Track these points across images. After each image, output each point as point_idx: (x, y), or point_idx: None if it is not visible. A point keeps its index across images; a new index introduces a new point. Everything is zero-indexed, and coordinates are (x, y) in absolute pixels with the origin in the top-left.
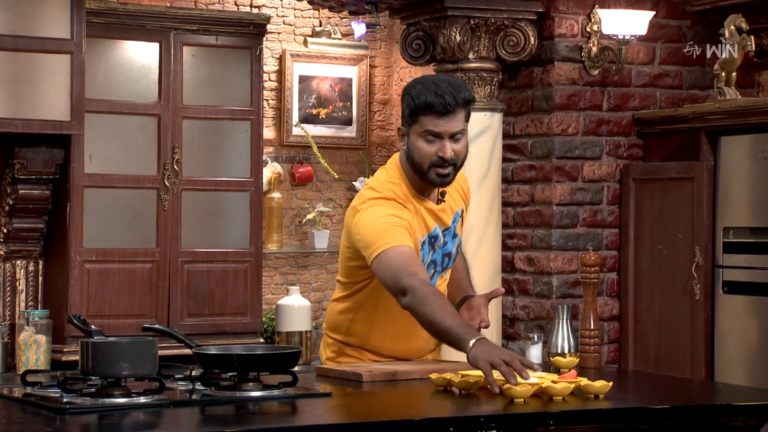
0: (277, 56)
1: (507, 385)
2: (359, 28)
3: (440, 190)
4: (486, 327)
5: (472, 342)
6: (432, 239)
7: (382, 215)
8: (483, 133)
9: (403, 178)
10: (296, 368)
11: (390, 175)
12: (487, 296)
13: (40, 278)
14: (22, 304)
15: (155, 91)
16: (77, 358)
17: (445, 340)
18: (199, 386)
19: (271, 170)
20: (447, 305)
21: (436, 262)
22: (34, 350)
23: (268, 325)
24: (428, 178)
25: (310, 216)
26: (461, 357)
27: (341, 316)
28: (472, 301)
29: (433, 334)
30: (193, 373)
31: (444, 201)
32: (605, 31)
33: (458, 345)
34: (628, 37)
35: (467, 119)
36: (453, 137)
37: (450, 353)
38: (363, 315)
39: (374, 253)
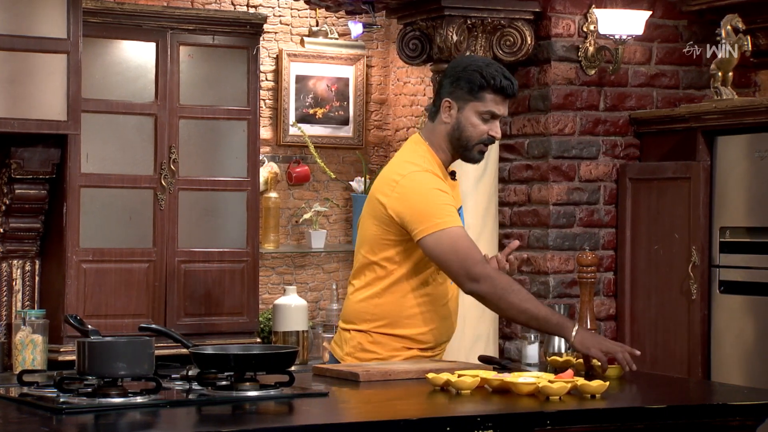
0: (274, 56)
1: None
2: (356, 27)
3: (450, 169)
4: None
5: (575, 329)
6: None
7: (433, 187)
8: None
9: (432, 153)
10: (293, 368)
11: (419, 149)
12: (505, 253)
13: (37, 278)
14: (19, 304)
15: (152, 91)
16: (74, 358)
17: (540, 327)
18: (195, 386)
19: (267, 170)
20: (531, 295)
21: None
22: (30, 350)
23: (265, 324)
24: (470, 153)
25: (306, 216)
26: (461, 357)
27: (366, 303)
28: (493, 259)
29: (521, 322)
30: (190, 372)
31: (456, 180)
32: (602, 30)
33: (560, 331)
34: (624, 37)
35: None
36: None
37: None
38: (392, 297)
39: (430, 229)
